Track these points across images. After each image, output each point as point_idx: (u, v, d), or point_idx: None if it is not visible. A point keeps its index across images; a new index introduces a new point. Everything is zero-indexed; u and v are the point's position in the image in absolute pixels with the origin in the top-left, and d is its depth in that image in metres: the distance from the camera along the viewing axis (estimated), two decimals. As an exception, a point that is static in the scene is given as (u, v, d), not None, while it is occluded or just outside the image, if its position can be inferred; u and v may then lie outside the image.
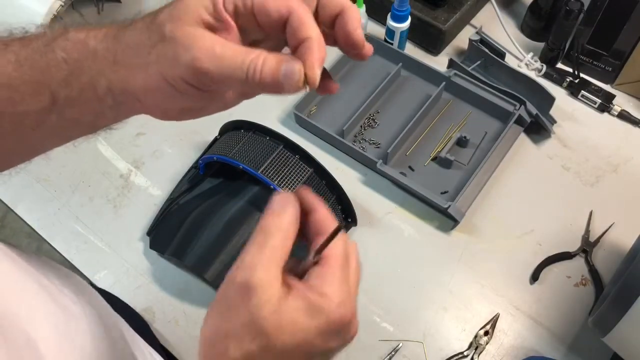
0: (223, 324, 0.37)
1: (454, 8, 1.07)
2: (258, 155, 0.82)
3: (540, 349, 0.82)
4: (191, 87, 0.37)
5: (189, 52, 0.35)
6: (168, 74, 0.36)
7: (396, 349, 0.81)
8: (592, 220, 0.91)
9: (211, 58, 0.35)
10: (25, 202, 0.94)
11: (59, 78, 0.39)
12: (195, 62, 0.35)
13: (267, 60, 0.35)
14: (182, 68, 0.36)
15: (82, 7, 1.15)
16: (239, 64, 0.35)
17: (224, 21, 0.36)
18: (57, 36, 0.40)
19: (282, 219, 0.38)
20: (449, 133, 0.99)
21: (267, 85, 0.36)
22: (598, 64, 1.04)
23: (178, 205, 0.89)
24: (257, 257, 0.37)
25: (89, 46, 0.38)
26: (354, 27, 0.38)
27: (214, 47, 0.35)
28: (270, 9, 0.36)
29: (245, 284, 0.36)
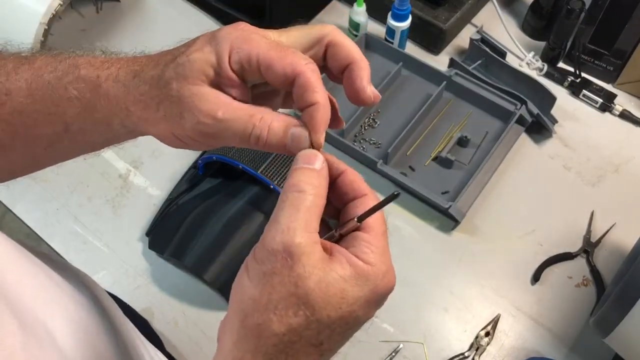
0: (262, 294, 0.34)
1: (455, 7, 1.07)
2: (257, 155, 0.81)
3: (541, 349, 0.81)
4: (199, 143, 0.38)
5: (193, 116, 0.36)
6: (175, 131, 0.37)
7: (397, 350, 0.81)
8: (593, 221, 0.91)
9: (215, 123, 0.36)
10: (24, 202, 0.94)
11: (72, 113, 0.40)
12: (199, 126, 0.36)
13: (272, 126, 0.36)
14: (188, 130, 0.36)
15: (81, 6, 1.15)
16: (241, 128, 0.36)
17: (227, 78, 0.36)
18: (68, 72, 0.40)
19: (314, 175, 0.36)
20: (449, 133, 0.99)
21: (272, 149, 0.37)
22: (599, 64, 1.04)
23: (177, 205, 0.89)
24: (294, 220, 0.34)
25: (101, 89, 0.39)
26: (362, 85, 0.38)
27: (216, 111, 0.36)
28: (276, 70, 0.36)
29: (286, 251, 0.33)
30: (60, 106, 0.40)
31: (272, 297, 0.33)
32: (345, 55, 0.38)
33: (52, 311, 0.41)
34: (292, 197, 0.35)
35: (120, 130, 0.41)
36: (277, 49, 0.36)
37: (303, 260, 0.33)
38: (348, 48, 0.38)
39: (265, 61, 0.35)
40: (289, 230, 0.34)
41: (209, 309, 0.85)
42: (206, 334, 0.83)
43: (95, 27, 1.14)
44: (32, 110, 0.41)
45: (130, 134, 0.42)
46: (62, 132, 0.41)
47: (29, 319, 0.38)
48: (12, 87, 0.41)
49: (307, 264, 0.33)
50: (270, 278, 0.34)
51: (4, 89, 0.41)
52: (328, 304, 0.33)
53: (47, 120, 0.41)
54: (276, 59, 0.35)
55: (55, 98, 0.40)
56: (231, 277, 0.89)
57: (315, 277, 0.33)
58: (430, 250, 0.89)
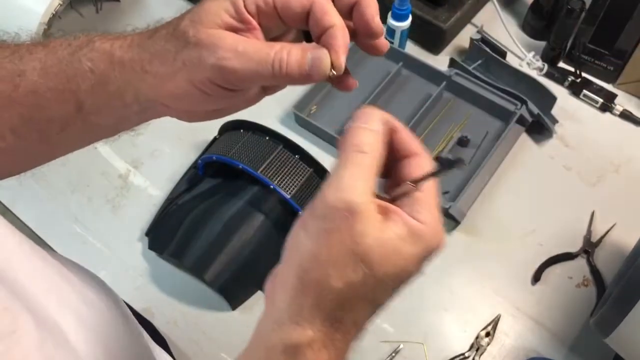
0: (322, 250, 0.34)
1: (455, 7, 1.07)
2: (257, 155, 0.81)
3: (541, 350, 0.81)
4: (219, 88, 0.38)
5: (214, 53, 0.36)
6: (195, 78, 0.37)
7: (397, 350, 0.81)
8: (593, 221, 0.91)
9: (236, 56, 0.36)
10: (23, 202, 0.94)
11: (86, 87, 0.40)
12: (221, 62, 0.36)
13: (291, 51, 0.36)
14: (209, 70, 0.36)
15: (80, 6, 1.15)
16: (264, 57, 0.36)
17: (246, 22, 0.37)
18: (83, 45, 0.41)
19: (373, 134, 0.36)
20: (449, 133, 0.99)
21: (294, 77, 0.37)
22: (600, 63, 1.04)
23: (177, 205, 0.89)
24: (355, 179, 0.34)
25: (115, 56, 0.39)
26: (371, 15, 0.39)
27: (236, 45, 0.36)
28: (292, 2, 0.36)
29: (347, 209, 0.33)
30: (74, 81, 0.40)
31: (331, 253, 0.34)
32: None
33: (65, 311, 0.41)
34: (352, 156, 0.35)
35: (133, 107, 0.41)
36: None
37: (363, 218, 0.34)
38: None
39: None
40: (349, 188, 0.34)
41: (209, 309, 0.84)
42: (206, 334, 0.83)
43: (95, 27, 1.13)
44: (45, 89, 0.41)
45: (143, 113, 0.42)
46: (75, 111, 0.42)
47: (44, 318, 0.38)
48: (25, 67, 0.41)
49: (367, 222, 0.34)
50: (331, 234, 0.34)
51: (17, 70, 0.41)
52: (385, 262, 0.34)
53: (60, 98, 0.41)
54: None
55: (69, 72, 0.40)
56: (231, 277, 0.89)
57: (373, 236, 0.34)
58: (431, 250, 0.89)
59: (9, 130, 0.42)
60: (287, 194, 0.79)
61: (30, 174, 1.03)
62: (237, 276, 0.81)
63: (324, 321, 0.35)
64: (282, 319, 0.36)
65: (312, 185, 0.81)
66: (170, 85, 0.39)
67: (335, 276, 0.34)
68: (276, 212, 0.83)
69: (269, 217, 0.83)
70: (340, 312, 0.35)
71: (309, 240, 0.35)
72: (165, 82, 0.39)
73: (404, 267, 0.35)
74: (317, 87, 1.02)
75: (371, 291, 0.35)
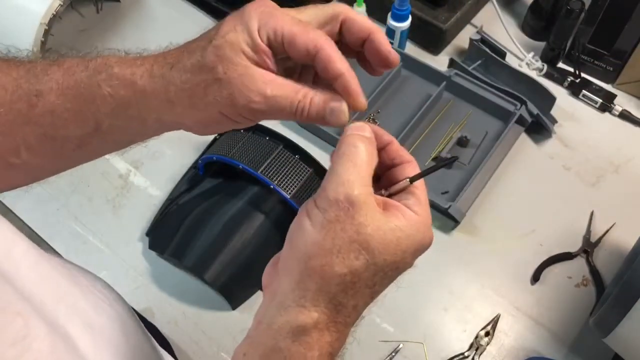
0: (326, 239, 0.37)
1: (455, 7, 1.07)
2: (258, 155, 0.81)
3: (541, 349, 0.81)
4: (247, 119, 0.40)
5: (245, 96, 0.38)
6: (227, 111, 0.39)
7: (396, 350, 0.81)
8: (593, 221, 0.91)
9: (265, 100, 0.38)
10: (24, 202, 0.94)
11: (105, 110, 0.41)
12: (251, 105, 0.38)
13: (313, 100, 0.39)
14: (240, 107, 0.39)
15: (81, 6, 1.15)
16: (288, 104, 0.39)
17: (262, 52, 0.39)
18: (101, 70, 0.41)
19: (366, 139, 0.39)
20: (449, 133, 0.99)
21: (313, 121, 0.40)
22: (599, 64, 1.04)
23: (177, 205, 0.89)
24: (352, 173, 0.37)
25: (137, 85, 0.40)
26: (388, 50, 0.41)
27: (265, 89, 0.38)
28: (299, 44, 0.38)
29: (347, 201, 0.36)
30: (93, 104, 0.41)
31: (335, 242, 0.36)
32: (361, 27, 0.40)
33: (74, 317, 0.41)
34: (348, 151, 0.38)
35: (153, 126, 0.43)
36: (299, 24, 0.38)
37: (363, 209, 0.36)
38: (363, 21, 0.41)
39: (289, 36, 0.38)
40: (349, 182, 0.37)
41: (209, 309, 0.85)
42: (206, 334, 0.83)
43: (96, 27, 1.14)
44: (63, 109, 0.42)
45: (162, 128, 0.44)
46: (93, 131, 0.42)
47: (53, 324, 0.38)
48: (42, 87, 0.41)
49: (367, 213, 0.37)
50: (334, 225, 0.37)
51: (34, 90, 0.42)
52: (385, 250, 0.37)
53: (78, 119, 0.42)
54: (299, 34, 0.38)
55: (87, 96, 0.41)
56: (231, 277, 0.89)
57: (374, 226, 0.36)
58: (430, 250, 0.88)
59: (24, 147, 0.43)
60: (287, 194, 0.79)
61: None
62: (238, 276, 0.81)
63: (328, 304, 0.37)
64: (287, 302, 0.38)
65: (312, 185, 0.82)
66: (199, 114, 0.40)
67: (339, 263, 0.36)
68: (276, 212, 0.83)
69: (269, 217, 0.83)
70: (343, 296, 0.37)
71: (314, 230, 0.37)
72: (194, 112, 0.40)
73: (402, 257, 0.38)
74: (317, 88, 1.02)
75: (371, 278, 0.37)
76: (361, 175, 0.37)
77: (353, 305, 0.38)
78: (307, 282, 0.37)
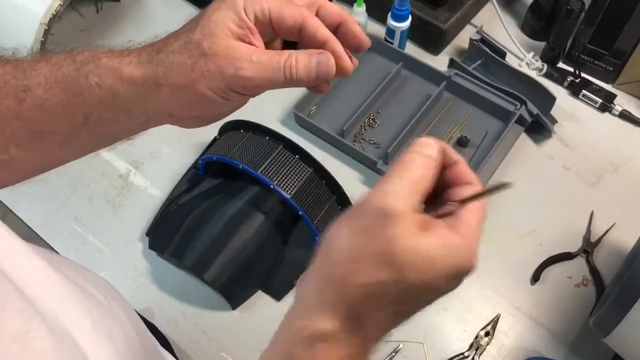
0: (357, 245, 0.36)
1: (455, 7, 1.07)
2: (258, 155, 0.81)
3: (541, 349, 0.81)
4: (235, 93, 0.41)
5: (232, 64, 0.40)
6: (215, 86, 0.40)
7: (396, 350, 0.81)
8: (593, 221, 0.91)
9: (251, 65, 0.40)
10: (24, 202, 0.94)
11: (93, 101, 0.42)
12: (239, 72, 0.40)
13: (299, 57, 0.40)
14: (228, 78, 0.40)
15: (81, 6, 1.15)
16: (275, 66, 0.40)
17: (248, 29, 0.41)
18: (88, 61, 0.42)
19: (425, 158, 0.38)
20: (449, 133, 0.99)
21: (303, 80, 0.41)
22: (599, 64, 1.04)
23: (177, 205, 0.89)
24: (398, 187, 0.36)
25: (124, 73, 0.41)
26: (360, 31, 0.43)
27: (250, 55, 0.40)
28: (286, 17, 0.41)
29: (384, 211, 0.35)
30: (81, 95, 0.42)
31: (364, 249, 0.35)
32: (336, 14, 0.43)
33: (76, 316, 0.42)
34: (404, 165, 0.37)
35: (139, 119, 0.44)
36: (283, 2, 0.42)
37: (398, 224, 0.35)
38: (336, 9, 0.44)
39: (276, 10, 0.41)
40: (390, 194, 0.36)
41: (209, 309, 0.85)
42: (206, 334, 0.83)
43: (96, 27, 1.14)
44: (51, 103, 0.42)
45: (148, 122, 0.45)
46: (81, 124, 0.43)
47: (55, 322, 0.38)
48: (30, 83, 0.42)
49: (402, 228, 0.35)
50: (367, 232, 0.36)
51: (21, 85, 0.42)
52: (415, 268, 0.35)
53: (66, 112, 0.43)
54: (286, 8, 0.41)
55: (75, 88, 0.42)
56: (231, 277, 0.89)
57: (406, 241, 0.35)
58: (430, 250, 0.89)
59: (12, 143, 0.44)
60: (287, 194, 0.79)
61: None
62: (238, 276, 0.81)
63: (347, 314, 0.36)
64: (308, 306, 0.37)
65: (312, 185, 0.82)
66: (187, 94, 0.41)
67: (364, 272, 0.35)
68: (276, 212, 0.83)
69: (269, 217, 0.83)
70: (364, 308, 0.36)
71: (347, 235, 0.37)
72: (182, 92, 0.41)
73: (435, 278, 0.36)
74: (317, 88, 1.02)
75: (399, 295, 0.36)
76: (408, 190, 0.36)
77: (374, 320, 0.37)
78: (330, 287, 0.36)
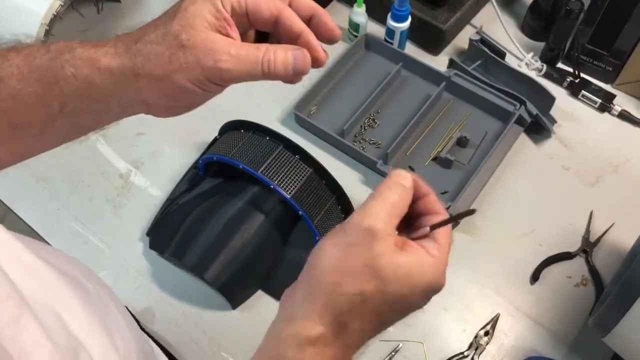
0: (343, 259, 0.40)
1: (454, 8, 1.07)
2: (258, 155, 0.81)
3: (540, 349, 0.81)
4: (213, 84, 0.42)
5: (210, 56, 0.40)
6: (194, 77, 0.41)
7: (396, 350, 0.81)
8: (592, 221, 0.91)
9: (230, 58, 0.40)
10: (25, 202, 0.94)
11: (69, 92, 0.42)
12: (218, 64, 0.40)
13: (277, 52, 0.41)
14: (208, 70, 0.41)
15: (81, 7, 1.15)
16: (254, 60, 0.41)
17: (225, 20, 0.41)
18: (63, 51, 0.42)
19: (403, 184, 0.42)
20: (449, 133, 0.99)
21: (280, 74, 0.42)
22: (598, 64, 1.04)
23: (178, 205, 0.89)
24: (379, 210, 0.41)
25: (100, 62, 0.41)
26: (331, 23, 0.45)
27: (229, 48, 0.41)
28: (262, 9, 0.42)
29: (369, 230, 0.40)
30: (56, 86, 0.42)
31: (350, 263, 0.40)
32: (308, 5, 0.44)
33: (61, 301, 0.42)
34: (383, 192, 0.42)
35: (114, 109, 0.44)
36: None
37: (381, 242, 0.40)
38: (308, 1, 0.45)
39: (252, 3, 0.42)
40: (372, 216, 0.41)
41: (210, 309, 0.85)
42: (206, 334, 0.83)
43: (96, 27, 1.14)
44: (25, 94, 0.42)
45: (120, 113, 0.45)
46: (56, 114, 0.43)
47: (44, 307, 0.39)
48: (2, 73, 0.42)
49: (383, 245, 0.40)
50: (353, 247, 0.40)
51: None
52: (395, 280, 0.39)
53: (40, 103, 0.42)
54: (261, 1, 0.42)
55: (49, 78, 0.42)
56: (231, 277, 0.89)
57: (388, 257, 0.39)
58: (430, 250, 0.89)
59: None
60: (287, 194, 0.79)
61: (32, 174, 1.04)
62: (238, 275, 0.81)
63: (333, 321, 0.40)
64: (296, 314, 0.41)
65: (312, 185, 0.82)
66: (165, 84, 0.41)
67: (350, 282, 0.39)
68: (276, 212, 0.83)
69: (269, 217, 0.83)
70: (349, 316, 0.40)
71: (333, 249, 0.41)
72: (160, 83, 0.41)
73: (411, 291, 0.40)
74: (318, 88, 1.02)
75: (379, 305, 0.40)
76: (387, 213, 0.41)
77: (357, 328, 0.40)
78: (318, 297, 0.40)
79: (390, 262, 0.39)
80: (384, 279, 0.39)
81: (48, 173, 0.97)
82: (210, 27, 0.41)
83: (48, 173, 0.97)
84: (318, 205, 0.82)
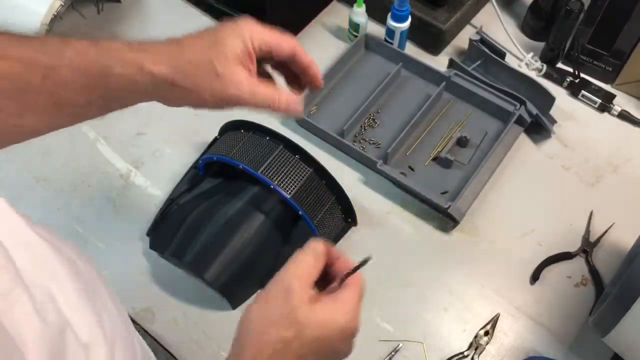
0: (267, 312, 0.47)
1: (454, 8, 1.07)
2: (258, 155, 0.81)
3: (540, 349, 0.81)
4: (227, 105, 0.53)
5: (236, 90, 0.52)
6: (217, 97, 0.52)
7: (396, 349, 0.81)
8: (592, 221, 0.91)
9: (250, 95, 0.52)
10: (25, 201, 0.94)
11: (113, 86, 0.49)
12: (240, 95, 0.52)
13: (281, 97, 0.54)
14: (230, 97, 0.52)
15: (81, 7, 1.15)
16: (268, 101, 0.54)
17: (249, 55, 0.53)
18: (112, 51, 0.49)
19: (316, 250, 0.50)
20: (449, 133, 0.99)
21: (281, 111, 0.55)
22: (598, 64, 1.04)
23: (178, 205, 0.89)
24: (297, 269, 0.49)
25: (145, 67, 0.49)
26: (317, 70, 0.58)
27: (251, 89, 0.52)
28: (284, 48, 0.55)
29: (287, 287, 0.47)
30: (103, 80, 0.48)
31: (272, 313, 0.47)
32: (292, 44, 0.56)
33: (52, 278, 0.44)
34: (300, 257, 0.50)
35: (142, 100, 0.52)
36: (278, 35, 0.55)
37: (296, 297, 0.47)
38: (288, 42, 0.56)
39: (276, 43, 0.54)
40: (292, 274, 0.48)
41: (210, 309, 0.85)
42: (207, 334, 0.83)
43: (96, 27, 1.14)
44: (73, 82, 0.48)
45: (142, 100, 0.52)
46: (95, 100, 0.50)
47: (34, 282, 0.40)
48: (57, 63, 0.47)
49: (300, 299, 0.47)
50: (273, 302, 0.47)
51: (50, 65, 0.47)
52: (310, 325, 0.46)
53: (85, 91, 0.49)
54: (283, 41, 0.55)
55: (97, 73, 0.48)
56: (231, 277, 0.89)
57: (305, 307, 0.46)
58: (430, 250, 0.90)
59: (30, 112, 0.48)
60: (287, 194, 0.79)
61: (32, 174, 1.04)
62: (238, 275, 0.81)
63: None
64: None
65: (312, 185, 0.82)
66: (192, 96, 0.52)
67: (273, 332, 0.46)
68: (276, 212, 0.83)
69: (269, 217, 0.83)
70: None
71: (262, 304, 0.48)
72: (189, 94, 0.52)
73: (328, 335, 0.47)
74: (317, 88, 1.02)
75: (300, 348, 0.46)
76: (304, 273, 0.48)
77: None
78: (247, 347, 0.47)
79: (306, 310, 0.46)
80: (301, 325, 0.45)
81: (48, 173, 0.97)
82: (238, 60, 0.52)
83: (48, 173, 0.97)
84: (318, 205, 0.82)
